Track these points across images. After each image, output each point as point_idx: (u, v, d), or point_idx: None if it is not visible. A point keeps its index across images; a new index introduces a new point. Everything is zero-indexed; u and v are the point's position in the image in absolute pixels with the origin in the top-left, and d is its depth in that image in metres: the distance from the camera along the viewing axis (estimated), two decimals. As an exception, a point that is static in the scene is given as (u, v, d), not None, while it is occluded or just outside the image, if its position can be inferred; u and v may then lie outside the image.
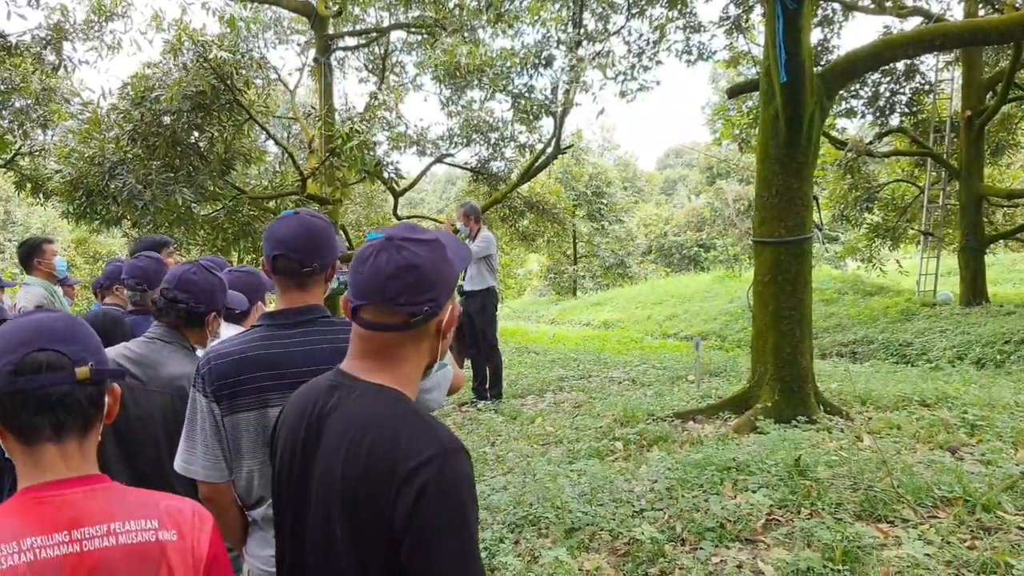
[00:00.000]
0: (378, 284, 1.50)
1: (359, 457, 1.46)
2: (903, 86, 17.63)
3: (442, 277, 1.55)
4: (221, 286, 2.83)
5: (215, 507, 2.33)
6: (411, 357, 1.58)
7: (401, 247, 1.51)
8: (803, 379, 6.34)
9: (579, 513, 4.45)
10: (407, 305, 1.50)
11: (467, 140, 16.11)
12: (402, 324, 1.52)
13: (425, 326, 1.55)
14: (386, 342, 1.55)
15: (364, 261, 1.54)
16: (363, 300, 1.53)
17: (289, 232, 2.26)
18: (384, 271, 1.50)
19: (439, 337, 1.61)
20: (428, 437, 1.45)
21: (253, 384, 2.20)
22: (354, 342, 1.62)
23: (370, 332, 1.55)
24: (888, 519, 4.08)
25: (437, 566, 1.41)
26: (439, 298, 1.55)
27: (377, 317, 1.53)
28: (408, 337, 1.55)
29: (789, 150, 6.17)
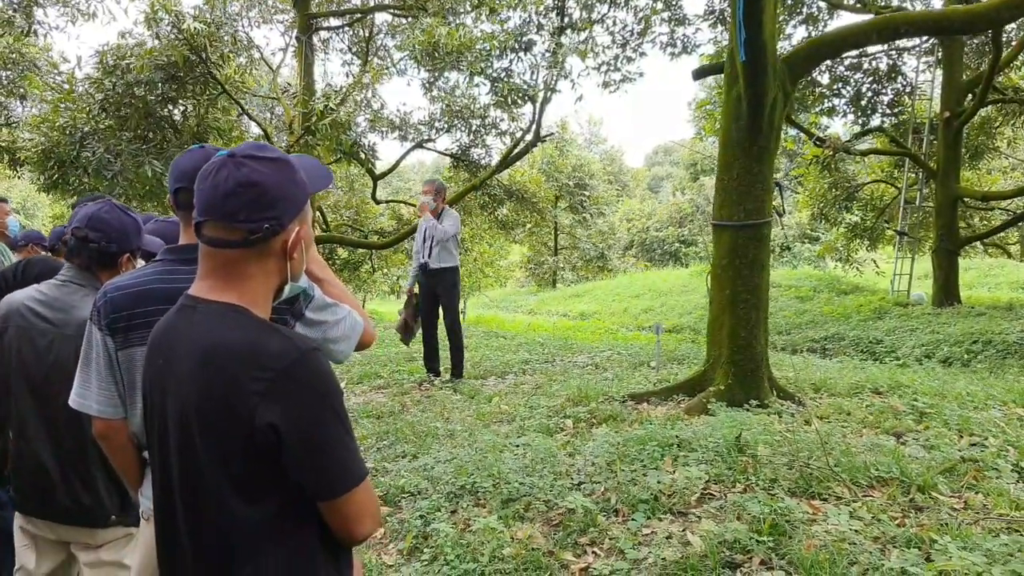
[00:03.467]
0: (217, 200, 1.50)
1: (211, 375, 1.45)
2: (885, 87, 17.70)
3: (287, 196, 1.55)
4: (135, 226, 2.77)
5: (110, 445, 2.29)
6: (256, 275, 1.57)
7: (241, 164, 1.51)
8: (757, 363, 6.33)
9: (517, 484, 4.43)
10: (246, 222, 1.50)
11: (448, 126, 16.05)
12: (241, 240, 1.51)
13: (268, 244, 1.54)
14: (229, 259, 1.54)
15: (206, 177, 1.54)
16: (204, 216, 1.52)
17: (193, 164, 2.21)
18: (223, 187, 1.50)
19: (285, 257, 1.59)
20: (281, 342, 1.46)
21: (148, 318, 2.15)
22: (200, 262, 1.60)
23: (212, 249, 1.54)
24: (821, 496, 4.07)
25: (325, 460, 1.45)
26: (282, 217, 1.54)
27: (217, 233, 1.52)
28: (251, 255, 1.54)
29: (750, 134, 6.15)
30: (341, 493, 1.48)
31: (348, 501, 1.49)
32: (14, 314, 2.72)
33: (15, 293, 2.79)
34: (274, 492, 1.48)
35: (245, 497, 1.46)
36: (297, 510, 1.50)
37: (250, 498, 1.47)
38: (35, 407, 2.69)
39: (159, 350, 1.62)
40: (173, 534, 1.59)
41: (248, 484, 1.46)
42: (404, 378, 8.57)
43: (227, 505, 1.47)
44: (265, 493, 1.47)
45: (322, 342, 2.27)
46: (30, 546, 2.77)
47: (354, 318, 2.33)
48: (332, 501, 1.48)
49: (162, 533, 1.65)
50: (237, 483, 1.46)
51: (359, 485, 1.49)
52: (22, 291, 2.77)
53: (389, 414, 6.88)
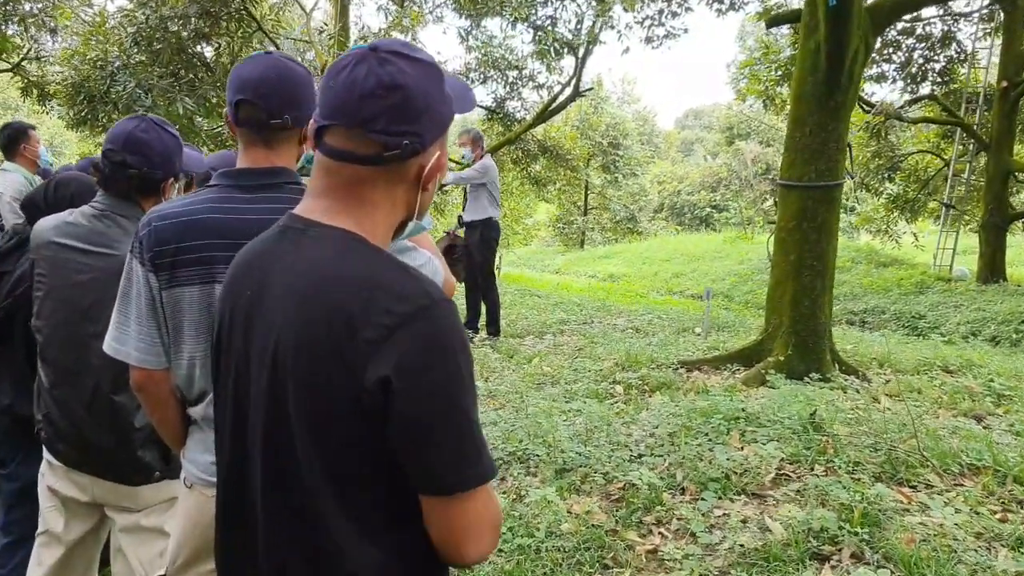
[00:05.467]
0: (351, 101, 1.16)
1: (320, 314, 1.12)
2: (938, 53, 17.02)
3: (432, 108, 1.21)
4: (177, 146, 2.41)
5: (149, 398, 1.97)
6: (382, 203, 1.23)
7: (386, 60, 1.17)
8: (820, 335, 5.97)
9: (572, 453, 4.11)
10: (382, 133, 1.16)
11: (484, 77, 15.60)
12: (374, 155, 1.17)
13: (403, 165, 1.21)
14: (353, 177, 1.20)
15: (338, 72, 1.19)
16: (330, 120, 1.19)
17: (257, 74, 1.85)
18: (361, 86, 1.15)
19: (419, 186, 1.25)
20: (412, 283, 1.14)
21: (198, 253, 1.82)
22: (315, 177, 1.26)
23: (334, 163, 1.21)
24: (911, 483, 3.73)
25: (442, 440, 1.10)
26: (424, 134, 1.20)
27: (345, 143, 1.18)
28: (380, 175, 1.20)
29: (828, 87, 5.71)
30: (455, 490, 1.10)
31: (463, 503, 1.12)
32: (46, 245, 2.38)
33: (46, 219, 2.44)
34: (376, 474, 1.14)
35: (340, 474, 1.14)
36: (402, 503, 1.16)
37: (346, 477, 1.14)
38: (72, 347, 2.35)
39: (247, 279, 1.29)
40: (240, 507, 1.27)
41: (347, 459, 1.13)
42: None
43: (316, 481, 1.14)
44: (364, 472, 1.14)
45: None
46: (58, 508, 2.46)
47: (435, 266, 1.99)
48: (441, 499, 1.12)
49: (228, 504, 1.33)
50: (333, 456, 1.13)
51: (481, 485, 1.12)
52: (54, 216, 2.43)
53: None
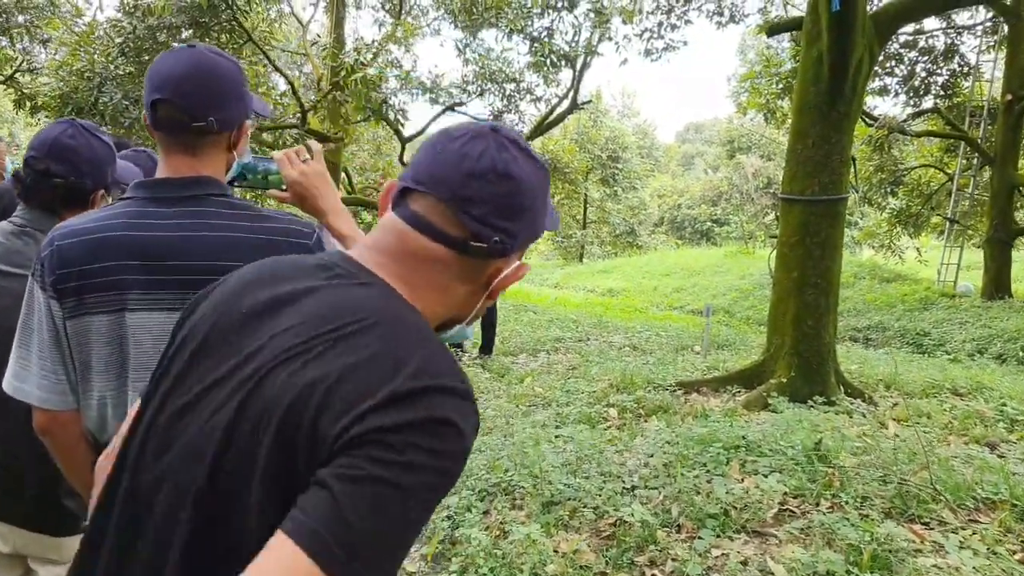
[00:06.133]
0: (457, 176, 1.03)
1: (347, 348, 0.93)
2: (940, 67, 16.82)
3: (534, 213, 1.09)
4: (108, 153, 2.15)
5: (55, 443, 1.71)
6: (444, 292, 1.08)
7: (505, 147, 1.05)
8: (824, 355, 5.70)
9: (560, 485, 3.85)
10: (478, 220, 1.02)
11: (481, 90, 15.41)
12: (459, 240, 1.03)
13: (481, 262, 1.07)
14: (424, 252, 1.05)
15: (450, 140, 1.06)
16: (424, 186, 1.04)
17: (178, 69, 1.60)
18: (472, 163, 1.03)
19: (485, 290, 1.12)
20: (451, 366, 0.96)
21: (108, 276, 1.56)
22: (380, 235, 1.10)
23: (410, 230, 1.05)
24: (923, 520, 3.46)
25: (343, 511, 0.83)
26: (517, 236, 1.07)
27: (431, 215, 1.04)
28: (454, 262, 1.05)
29: (831, 98, 5.47)
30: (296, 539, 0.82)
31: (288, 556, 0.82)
32: None
33: None
34: None
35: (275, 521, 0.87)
36: None
37: None
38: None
39: (250, 295, 1.08)
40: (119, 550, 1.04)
41: None
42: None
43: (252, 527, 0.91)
44: None
45: None
46: None
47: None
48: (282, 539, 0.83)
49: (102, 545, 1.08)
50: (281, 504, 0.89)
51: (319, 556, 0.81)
52: None
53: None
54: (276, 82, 14.59)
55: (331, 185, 1.85)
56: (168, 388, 1.08)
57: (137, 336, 1.57)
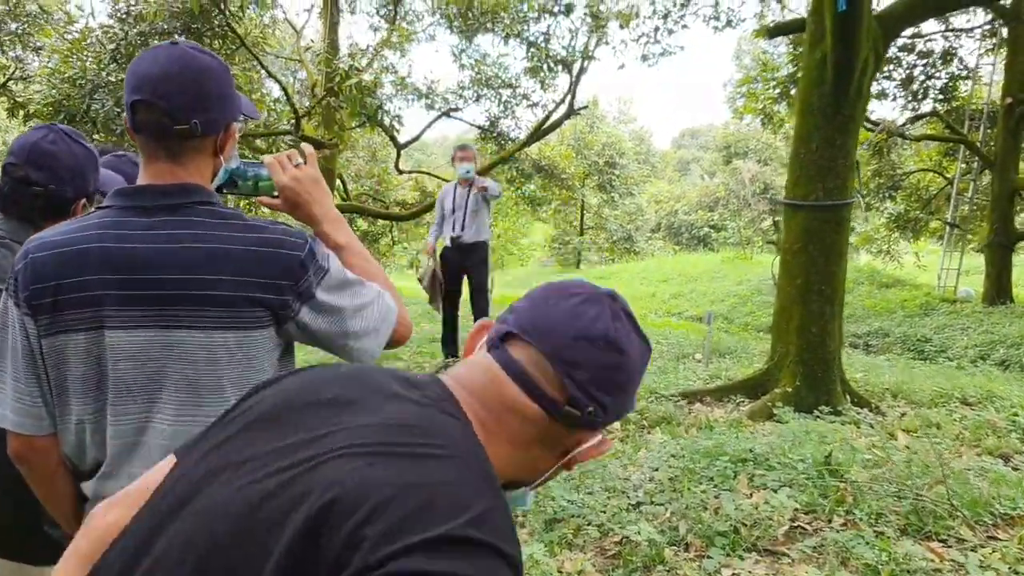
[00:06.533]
0: (565, 335, 0.98)
1: (410, 467, 0.85)
2: (939, 70, 16.76)
3: (629, 391, 1.04)
4: (91, 160, 2.04)
5: (32, 471, 1.60)
6: (522, 449, 1.02)
7: (620, 317, 1.02)
8: (829, 364, 5.59)
9: (563, 501, 3.72)
10: (579, 387, 0.97)
11: (477, 95, 15.32)
12: (553, 402, 0.97)
13: (568, 431, 1.01)
14: (514, 407, 0.99)
15: (564, 295, 1.03)
16: (527, 334, 0.99)
17: (158, 68, 1.48)
18: (585, 326, 0.98)
19: (560, 459, 1.05)
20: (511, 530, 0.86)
21: (84, 291, 1.44)
22: (468, 370, 1.04)
23: (505, 377, 0.99)
24: (940, 537, 3.34)
25: None
26: (609, 412, 1.01)
27: (532, 368, 0.98)
28: (541, 425, 0.99)
29: (835, 100, 5.36)
30: None
31: None
32: None
33: None
34: None
35: None
36: None
37: None
38: None
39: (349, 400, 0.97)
40: None
41: None
42: (426, 360, 7.87)
43: None
44: None
45: (338, 338, 1.57)
46: None
47: (385, 303, 1.62)
48: None
49: None
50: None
51: None
52: None
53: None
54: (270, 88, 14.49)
55: (325, 191, 1.73)
56: (213, 446, 0.98)
57: (116, 355, 1.45)
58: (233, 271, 1.43)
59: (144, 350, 1.44)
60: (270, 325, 1.49)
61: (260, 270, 1.45)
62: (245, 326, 1.46)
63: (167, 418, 1.46)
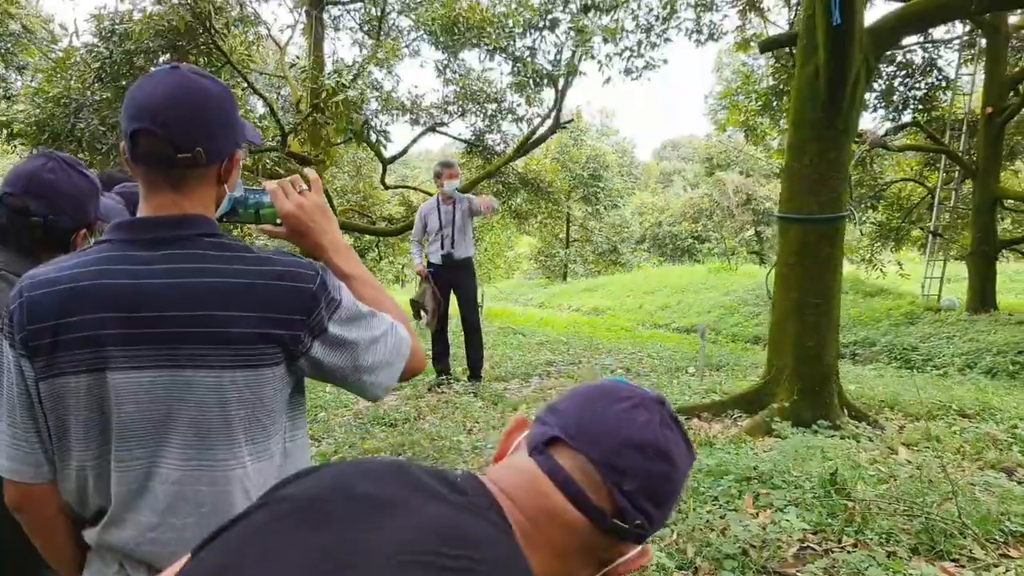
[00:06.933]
0: (614, 443, 0.92)
1: None
2: (919, 81, 16.89)
3: (674, 499, 0.99)
4: (91, 189, 1.97)
5: (31, 520, 1.52)
6: (563, 559, 0.94)
7: (669, 425, 0.97)
8: (827, 378, 5.56)
9: (567, 525, 3.65)
10: (628, 498, 0.92)
11: (463, 110, 15.28)
12: (600, 513, 0.92)
13: (612, 542, 0.95)
14: (557, 515, 0.92)
15: (614, 400, 0.97)
16: (575, 441, 0.93)
17: (159, 95, 1.41)
18: (636, 434, 0.93)
19: (601, 570, 0.99)
20: None
21: (85, 331, 1.37)
22: (509, 474, 0.97)
23: (550, 485, 0.93)
24: (952, 556, 3.29)
25: None
26: (655, 524, 0.96)
27: (580, 476, 0.92)
28: (585, 535, 0.93)
29: (828, 113, 5.35)
30: None
31: None
32: None
33: None
34: None
35: None
36: None
37: None
38: None
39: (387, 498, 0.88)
40: None
41: None
42: (418, 378, 7.79)
43: None
44: None
45: (351, 372, 1.50)
46: None
47: (399, 334, 1.55)
48: None
49: None
50: None
51: None
52: None
53: (404, 421, 6.10)
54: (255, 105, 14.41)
55: (331, 218, 1.67)
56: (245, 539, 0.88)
57: (119, 398, 1.37)
58: (242, 306, 1.37)
59: (149, 392, 1.37)
60: (281, 362, 1.43)
61: (270, 305, 1.39)
62: (255, 364, 1.39)
63: (174, 463, 1.39)
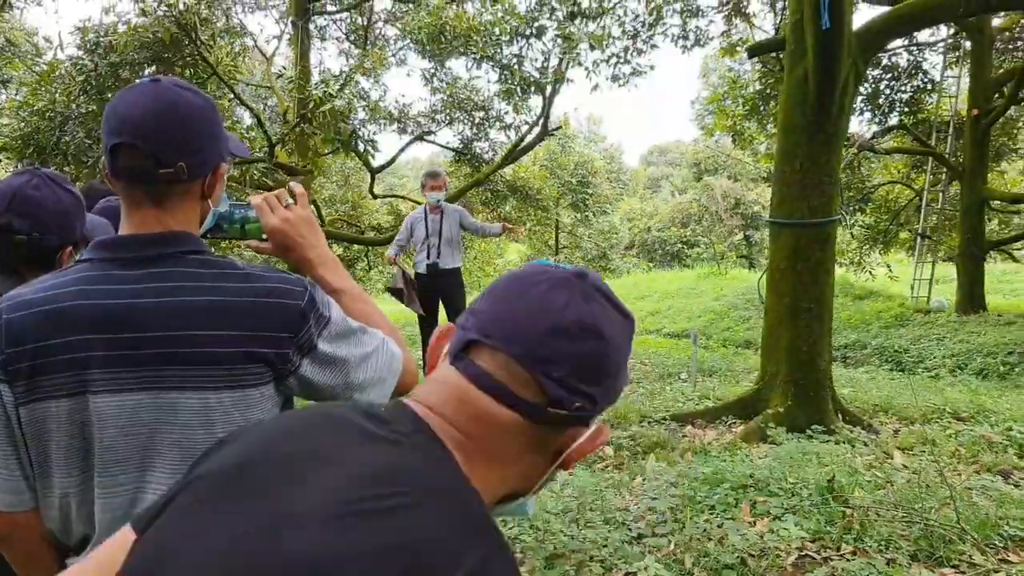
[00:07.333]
0: (534, 331, 0.86)
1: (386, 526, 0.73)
2: (905, 84, 16.97)
3: (619, 376, 0.93)
4: (76, 206, 1.92)
5: (13, 550, 1.46)
6: (509, 463, 0.90)
7: (593, 297, 0.90)
8: (820, 383, 5.54)
9: (564, 537, 3.61)
10: (559, 384, 0.85)
11: (450, 119, 15.27)
12: (534, 406, 0.86)
13: (555, 432, 0.90)
14: (491, 420, 0.87)
15: (526, 286, 0.91)
16: (492, 340, 0.88)
17: (140, 108, 1.37)
18: (554, 317, 0.87)
19: (555, 461, 0.93)
20: (513, 570, 0.78)
21: (66, 354, 1.32)
22: (434, 389, 0.91)
23: (475, 390, 0.87)
24: (952, 562, 3.26)
25: None
26: (598, 403, 0.90)
27: (501, 375, 0.87)
28: (526, 432, 0.88)
29: (818, 118, 5.35)
30: None
31: None
32: None
33: None
34: None
35: None
36: None
37: None
38: None
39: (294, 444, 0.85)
40: None
41: None
42: (410, 389, 7.73)
43: None
44: None
45: (342, 390, 1.46)
46: None
47: (390, 350, 1.51)
48: None
49: None
50: None
51: None
52: None
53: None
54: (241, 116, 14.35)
55: (318, 232, 1.63)
56: (171, 521, 0.84)
57: (103, 422, 1.32)
58: (228, 326, 1.32)
59: (133, 415, 1.32)
60: (269, 381, 1.38)
61: (258, 323, 1.34)
62: (243, 384, 1.35)
63: (160, 488, 1.35)
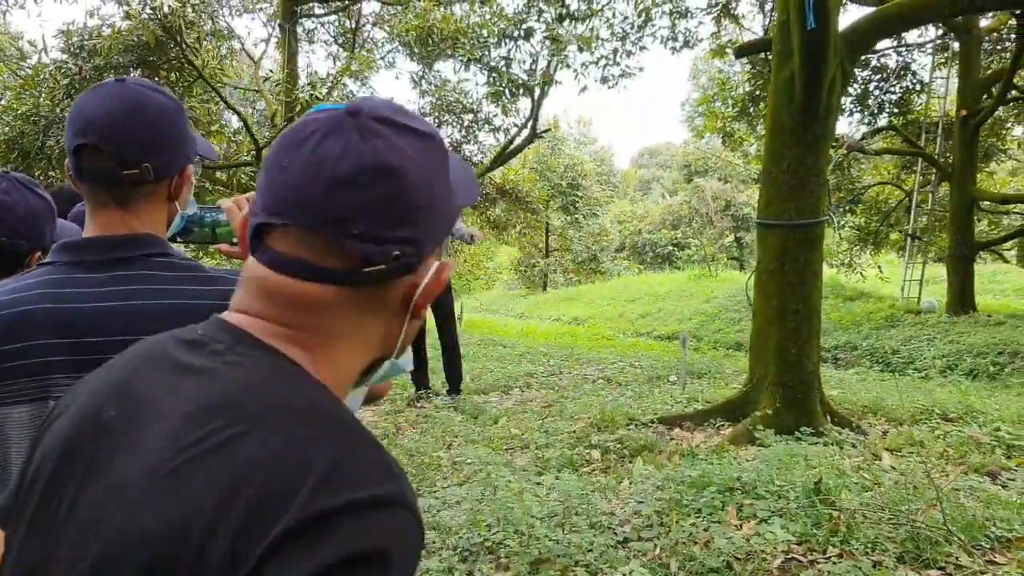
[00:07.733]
0: (315, 191, 0.75)
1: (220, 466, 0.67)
2: (894, 85, 17.01)
3: (436, 204, 0.81)
4: (47, 210, 1.89)
5: None
6: (349, 336, 0.81)
7: (372, 132, 0.76)
8: (809, 384, 5.52)
9: (548, 541, 3.57)
10: (362, 239, 0.75)
11: (438, 121, 15.25)
12: (346, 271, 0.76)
13: (386, 286, 0.80)
14: (307, 299, 0.77)
15: (296, 145, 0.77)
16: (278, 216, 0.77)
17: (104, 109, 1.34)
18: (332, 169, 0.75)
19: (407, 313, 0.84)
20: (373, 461, 0.70)
21: (28, 358, 1.29)
22: (247, 291, 0.82)
23: (280, 278, 0.78)
24: (938, 564, 3.24)
25: None
26: (423, 240, 0.80)
27: (299, 251, 0.76)
28: (350, 298, 0.78)
29: (805, 119, 5.33)
30: None
31: None
32: None
33: None
34: None
35: None
36: None
37: None
38: None
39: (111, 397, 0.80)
40: None
41: None
42: (397, 392, 7.70)
43: None
44: None
45: None
46: None
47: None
48: None
49: None
50: None
51: None
52: None
53: (383, 437, 6.00)
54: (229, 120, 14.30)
55: None
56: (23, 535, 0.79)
57: None
58: None
59: None
60: (235, 384, 1.35)
61: None
62: None
63: None
